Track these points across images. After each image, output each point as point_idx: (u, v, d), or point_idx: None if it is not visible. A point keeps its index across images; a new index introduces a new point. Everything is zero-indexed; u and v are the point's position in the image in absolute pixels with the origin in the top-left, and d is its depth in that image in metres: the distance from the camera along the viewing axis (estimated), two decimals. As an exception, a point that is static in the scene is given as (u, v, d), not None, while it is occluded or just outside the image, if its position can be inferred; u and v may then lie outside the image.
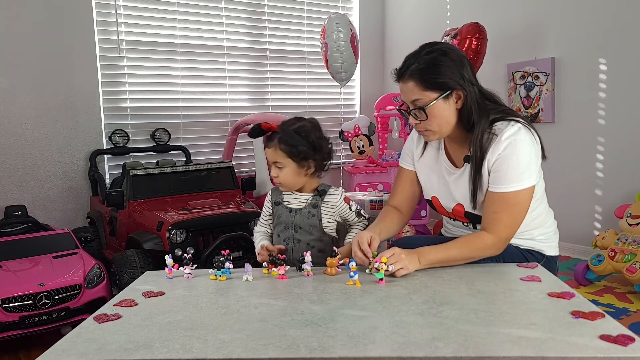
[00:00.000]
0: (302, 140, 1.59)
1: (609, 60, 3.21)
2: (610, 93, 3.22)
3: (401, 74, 1.48)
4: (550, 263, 1.56)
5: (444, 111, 1.45)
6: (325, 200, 1.66)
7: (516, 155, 1.41)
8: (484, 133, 1.45)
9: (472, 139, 1.46)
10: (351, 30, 3.58)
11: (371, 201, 2.03)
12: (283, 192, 1.69)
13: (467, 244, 1.44)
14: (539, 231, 1.57)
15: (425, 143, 1.65)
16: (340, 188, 1.72)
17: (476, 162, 1.46)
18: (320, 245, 1.67)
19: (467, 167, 1.51)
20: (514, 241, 1.54)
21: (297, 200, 1.67)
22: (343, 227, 1.76)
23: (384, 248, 1.54)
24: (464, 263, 1.45)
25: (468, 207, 1.54)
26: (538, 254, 1.57)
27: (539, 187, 1.52)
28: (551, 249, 1.59)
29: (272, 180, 1.76)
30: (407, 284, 1.29)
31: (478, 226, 1.55)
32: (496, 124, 1.45)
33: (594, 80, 3.28)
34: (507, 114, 1.48)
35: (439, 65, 1.43)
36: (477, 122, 1.45)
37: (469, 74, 1.45)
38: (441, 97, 1.43)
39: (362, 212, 1.73)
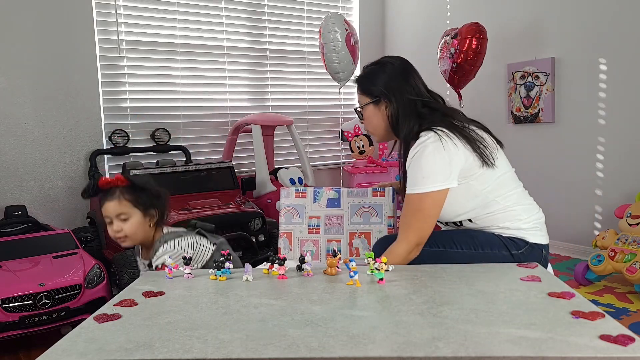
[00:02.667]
0: (145, 189, 1.63)
1: (609, 60, 3.21)
2: (610, 93, 3.22)
3: (353, 81, 1.79)
4: (534, 250, 1.57)
5: (374, 115, 1.69)
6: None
7: (420, 161, 1.52)
8: (408, 140, 1.61)
9: (401, 144, 1.66)
10: (347, 30, 3.58)
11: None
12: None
13: (389, 254, 1.53)
14: (515, 223, 1.59)
15: None
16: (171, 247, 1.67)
17: (403, 165, 1.64)
18: None
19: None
20: (493, 232, 1.61)
21: (143, 263, 1.72)
22: None
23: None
24: None
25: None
26: (520, 240, 1.59)
27: (492, 184, 1.57)
28: (535, 237, 1.60)
29: (112, 239, 1.71)
30: (407, 284, 1.29)
31: (465, 222, 1.65)
32: (421, 133, 1.57)
33: (594, 80, 3.28)
34: (433, 124, 1.57)
35: (371, 75, 1.69)
36: (401, 130, 1.63)
37: (402, 86, 1.63)
38: (371, 102, 1.68)
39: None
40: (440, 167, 1.51)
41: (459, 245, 1.59)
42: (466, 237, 1.60)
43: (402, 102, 1.62)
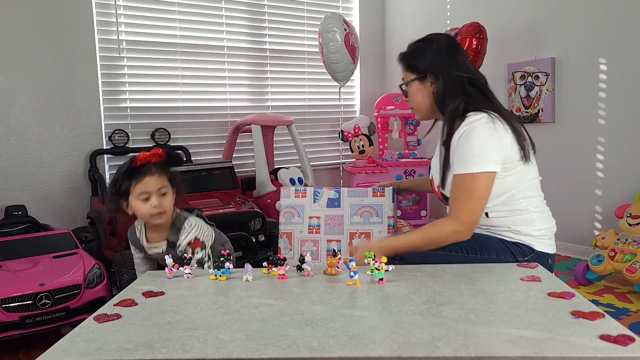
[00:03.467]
0: (178, 165, 1.66)
1: (609, 60, 3.21)
2: (610, 93, 3.22)
3: (397, 59, 1.75)
4: (540, 258, 1.56)
5: (418, 92, 1.66)
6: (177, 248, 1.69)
7: (470, 140, 1.50)
8: (454, 118, 1.57)
9: (445, 119, 1.62)
10: (346, 30, 3.58)
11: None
12: (138, 233, 1.71)
13: (428, 229, 1.53)
14: (528, 228, 1.58)
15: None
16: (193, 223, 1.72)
17: (445, 143, 1.59)
18: None
19: (443, 150, 1.63)
20: (501, 234, 1.59)
21: (157, 246, 1.72)
22: None
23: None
24: (431, 249, 1.55)
25: (439, 186, 1.65)
26: (527, 247, 1.58)
27: (523, 184, 1.57)
28: (542, 246, 1.60)
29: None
30: (407, 284, 1.29)
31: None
32: (470, 112, 1.54)
33: (594, 80, 3.28)
34: (481, 105, 1.56)
35: (417, 51, 1.67)
36: (447, 107, 1.59)
37: (449, 62, 1.60)
38: (416, 79, 1.65)
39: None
40: (491, 148, 1.49)
41: (465, 249, 1.57)
42: (470, 241, 1.58)
43: (449, 78, 1.60)
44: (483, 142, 1.49)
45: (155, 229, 1.70)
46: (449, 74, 1.59)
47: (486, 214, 1.61)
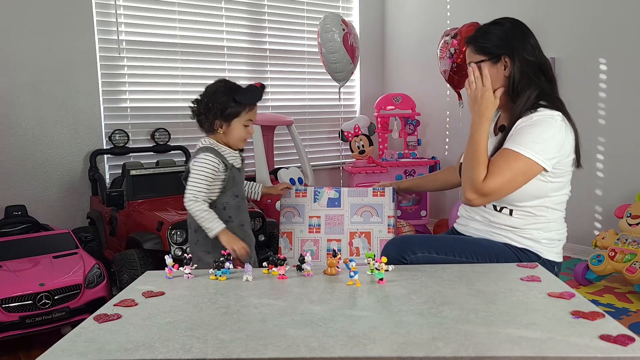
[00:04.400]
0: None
1: (609, 60, 3.21)
2: (610, 93, 3.22)
3: (465, 41, 1.69)
4: (545, 266, 1.55)
5: (491, 76, 1.55)
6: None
7: (537, 126, 1.45)
8: (526, 107, 1.51)
9: (514, 108, 1.53)
10: (344, 30, 3.57)
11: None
12: (226, 156, 1.84)
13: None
14: (541, 234, 1.57)
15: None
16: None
17: (504, 128, 1.55)
18: None
19: (499, 136, 1.57)
20: (510, 238, 1.56)
21: (237, 158, 1.89)
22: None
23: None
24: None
25: None
26: (533, 254, 1.57)
27: (559, 197, 1.54)
28: (550, 254, 1.59)
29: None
30: (407, 284, 1.29)
31: (504, 210, 1.57)
32: (540, 108, 1.50)
33: (594, 80, 3.28)
34: (555, 102, 1.53)
35: (488, 33, 1.62)
36: (522, 92, 1.53)
37: (523, 45, 1.55)
38: (488, 60, 1.57)
39: None
40: (553, 143, 1.45)
41: (474, 256, 1.55)
42: (481, 248, 1.56)
43: (525, 61, 1.54)
44: (549, 135, 1.44)
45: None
46: (524, 57, 1.54)
47: (510, 212, 1.56)
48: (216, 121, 1.86)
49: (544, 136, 1.44)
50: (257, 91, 1.85)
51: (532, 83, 1.54)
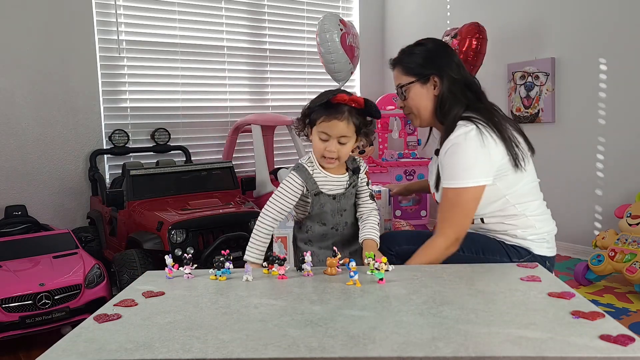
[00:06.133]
0: (373, 117, 1.54)
1: (609, 60, 3.21)
2: (610, 93, 3.22)
3: (391, 63, 1.70)
4: (536, 261, 1.56)
5: (420, 96, 1.61)
6: (359, 177, 1.61)
7: (459, 153, 1.48)
8: (452, 125, 1.53)
9: (444, 128, 1.58)
10: (342, 30, 3.57)
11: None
12: (317, 180, 1.54)
13: (426, 249, 1.52)
14: (524, 233, 1.58)
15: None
16: (360, 159, 1.65)
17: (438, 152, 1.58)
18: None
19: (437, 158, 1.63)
20: (498, 237, 1.60)
21: (337, 185, 1.56)
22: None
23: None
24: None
25: (434, 193, 1.66)
26: (524, 250, 1.58)
27: (516, 190, 1.55)
28: (540, 249, 1.60)
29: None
30: (407, 284, 1.29)
31: (476, 220, 1.62)
32: (460, 122, 1.52)
33: (594, 80, 3.28)
34: (476, 113, 1.53)
35: (413, 54, 1.63)
36: (450, 112, 1.55)
37: (449, 64, 1.57)
38: (418, 81, 1.60)
39: (374, 194, 1.68)
40: (480, 161, 1.47)
41: (462, 248, 1.58)
42: (468, 241, 1.59)
43: (452, 80, 1.56)
44: (474, 156, 1.47)
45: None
46: (451, 76, 1.57)
47: (482, 220, 1.61)
48: (307, 126, 1.57)
49: (467, 161, 1.48)
50: (329, 100, 1.48)
51: (459, 101, 1.56)
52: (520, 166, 1.53)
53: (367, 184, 1.65)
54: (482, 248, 1.58)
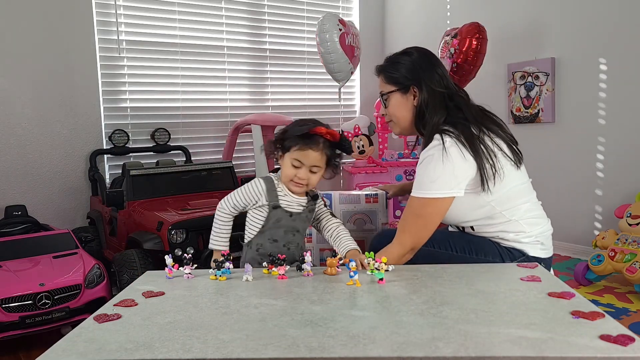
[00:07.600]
0: (343, 151, 1.60)
1: (609, 60, 3.21)
2: (610, 93, 3.22)
3: (376, 70, 1.73)
4: (530, 262, 1.56)
5: (400, 105, 1.64)
6: (316, 204, 1.66)
7: (429, 165, 1.49)
8: (432, 135, 1.54)
9: (424, 139, 1.59)
10: (341, 30, 3.57)
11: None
12: (278, 194, 1.59)
13: (381, 255, 1.48)
14: (516, 236, 1.57)
15: None
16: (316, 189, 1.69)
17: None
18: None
19: None
20: (495, 241, 1.59)
21: (296, 204, 1.61)
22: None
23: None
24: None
25: None
26: (518, 252, 1.58)
27: (500, 196, 1.53)
28: (534, 251, 1.59)
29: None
30: (407, 284, 1.29)
31: (467, 229, 1.64)
32: (436, 135, 1.52)
33: (594, 80, 3.28)
34: (452, 126, 1.52)
35: (397, 63, 1.65)
36: (429, 122, 1.56)
37: (430, 75, 1.58)
38: (398, 90, 1.63)
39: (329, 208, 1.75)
40: (447, 175, 1.48)
41: (454, 247, 1.58)
42: (462, 241, 1.59)
43: (432, 91, 1.57)
44: (442, 169, 1.47)
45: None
46: (431, 87, 1.58)
47: (472, 228, 1.62)
48: (278, 150, 1.61)
49: (435, 173, 1.48)
50: (306, 131, 1.53)
51: (438, 112, 1.56)
52: (487, 188, 1.49)
53: (325, 205, 1.71)
54: (476, 249, 1.58)
